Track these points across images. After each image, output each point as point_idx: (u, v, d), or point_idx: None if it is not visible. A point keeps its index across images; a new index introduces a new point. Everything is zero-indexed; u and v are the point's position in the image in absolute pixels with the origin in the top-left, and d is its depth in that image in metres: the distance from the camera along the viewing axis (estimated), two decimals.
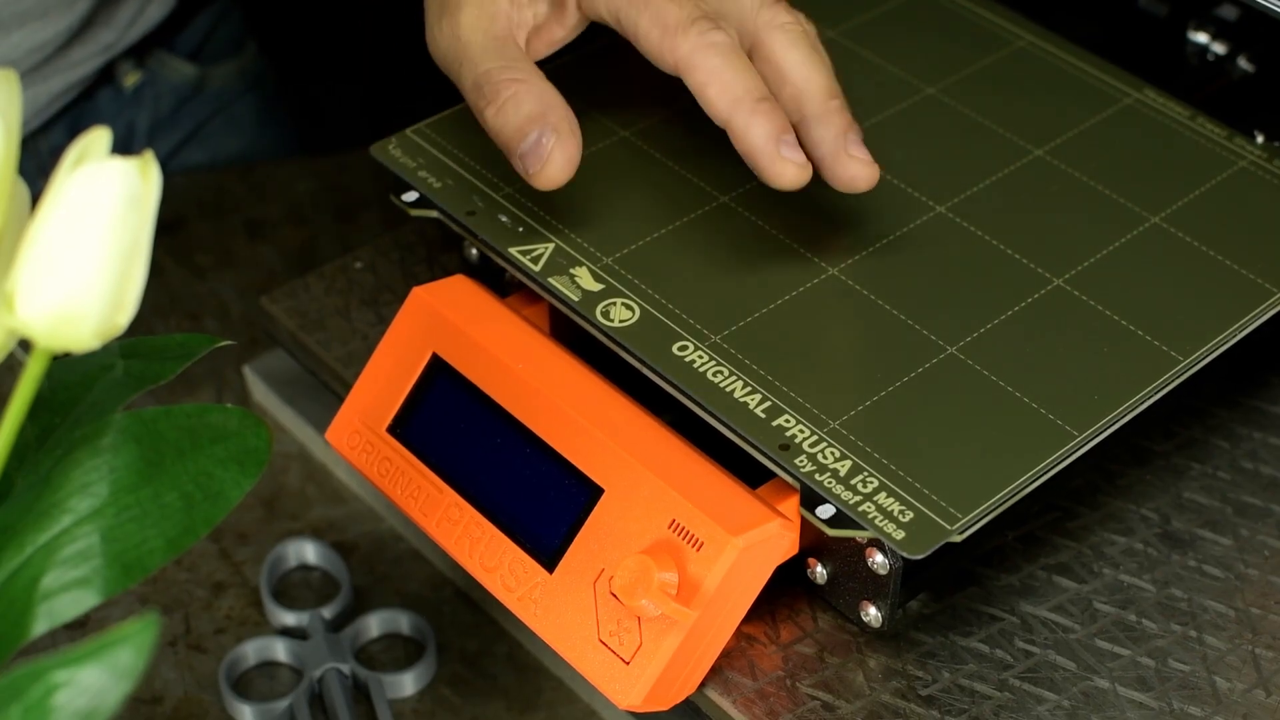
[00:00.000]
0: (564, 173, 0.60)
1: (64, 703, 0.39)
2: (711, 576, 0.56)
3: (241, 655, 0.67)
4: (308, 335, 0.71)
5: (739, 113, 0.58)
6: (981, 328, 0.61)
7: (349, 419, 0.65)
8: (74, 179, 0.41)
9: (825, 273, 0.63)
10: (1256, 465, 0.67)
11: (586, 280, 0.63)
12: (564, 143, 0.60)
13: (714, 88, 0.59)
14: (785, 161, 0.59)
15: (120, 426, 0.46)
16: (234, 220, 0.85)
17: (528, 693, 0.66)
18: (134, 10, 0.90)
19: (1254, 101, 0.73)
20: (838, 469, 0.56)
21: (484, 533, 0.61)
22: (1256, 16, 0.72)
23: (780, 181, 0.59)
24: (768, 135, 0.58)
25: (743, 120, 0.58)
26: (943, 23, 0.74)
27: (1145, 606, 0.62)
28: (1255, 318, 0.62)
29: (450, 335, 0.63)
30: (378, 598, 0.69)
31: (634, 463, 0.58)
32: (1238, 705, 0.59)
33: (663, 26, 0.59)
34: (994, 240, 0.65)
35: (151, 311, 0.80)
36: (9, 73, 0.43)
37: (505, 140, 0.61)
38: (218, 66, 0.99)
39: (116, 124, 0.94)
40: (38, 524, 0.45)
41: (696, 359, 0.60)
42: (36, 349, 0.42)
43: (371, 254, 0.74)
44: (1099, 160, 0.68)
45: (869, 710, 0.58)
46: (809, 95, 0.60)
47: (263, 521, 0.72)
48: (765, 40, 0.60)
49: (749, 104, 0.58)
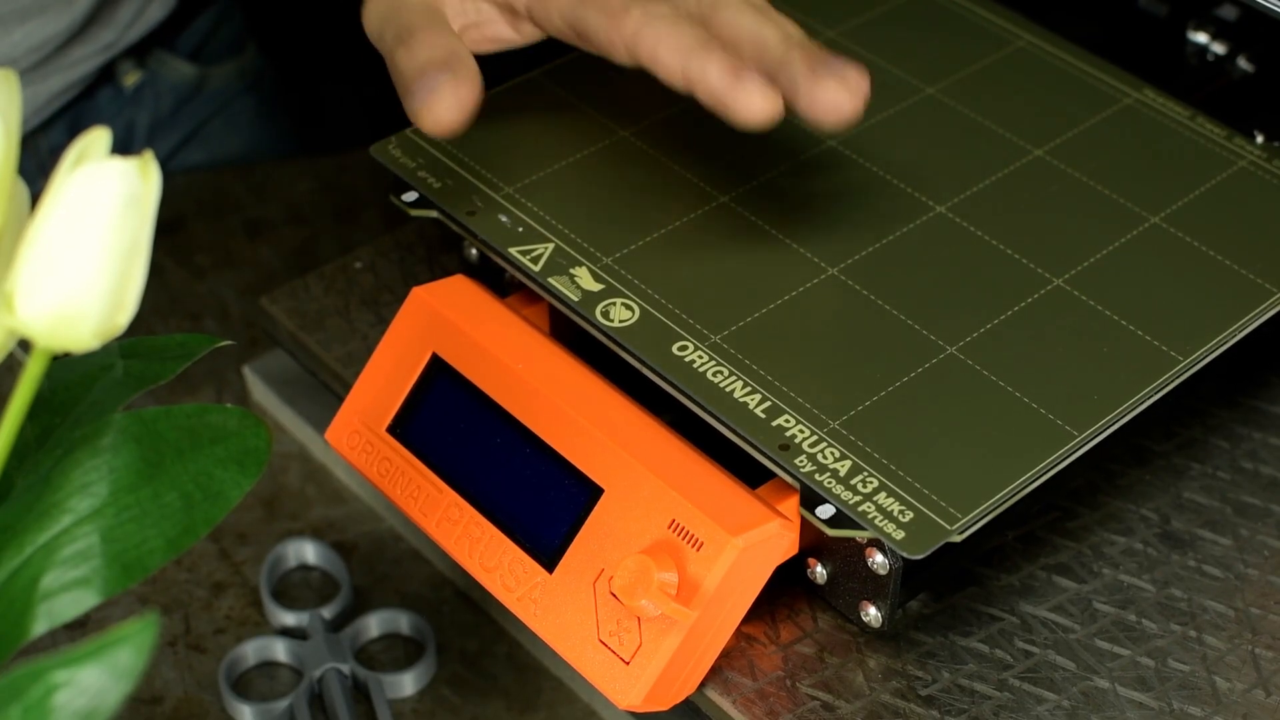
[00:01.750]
0: (450, 114, 0.58)
1: (64, 703, 0.39)
2: (711, 576, 0.56)
3: (241, 655, 0.67)
4: (308, 335, 0.71)
5: (692, 61, 0.55)
6: (981, 328, 0.61)
7: (349, 419, 0.65)
8: (74, 179, 0.41)
9: (825, 273, 0.63)
10: (1256, 465, 0.67)
11: (586, 280, 0.63)
12: (459, 83, 0.58)
13: (663, 47, 0.56)
14: (749, 92, 0.54)
15: (120, 426, 0.46)
16: (234, 220, 0.85)
17: (528, 693, 0.66)
18: (134, 10, 0.90)
19: (1254, 101, 0.73)
20: (838, 469, 0.56)
21: (484, 533, 0.61)
22: (1256, 16, 0.72)
23: (749, 113, 0.54)
24: (724, 70, 0.55)
25: (698, 65, 0.55)
26: (943, 23, 0.74)
27: (1145, 606, 0.62)
28: (1255, 318, 0.62)
29: (450, 335, 0.63)
30: (378, 598, 0.70)
31: (634, 463, 0.58)
32: (1238, 705, 0.59)
33: (608, 13, 0.57)
34: (994, 240, 0.65)
35: (151, 311, 0.80)
36: (9, 71, 0.43)
37: (404, 81, 0.59)
38: (218, 66, 0.99)
39: (116, 124, 0.94)
40: (38, 524, 0.45)
41: (696, 359, 0.60)
42: (36, 349, 0.42)
43: (371, 254, 0.74)
44: (1099, 160, 0.68)
45: (869, 710, 0.58)
46: (766, 46, 0.56)
47: (263, 521, 0.72)
48: (713, 17, 0.58)
49: (701, 51, 0.55)
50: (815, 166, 0.68)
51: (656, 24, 0.56)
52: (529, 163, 0.67)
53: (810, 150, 0.68)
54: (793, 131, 0.69)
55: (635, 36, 0.57)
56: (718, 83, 0.55)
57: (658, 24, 0.56)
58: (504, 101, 0.70)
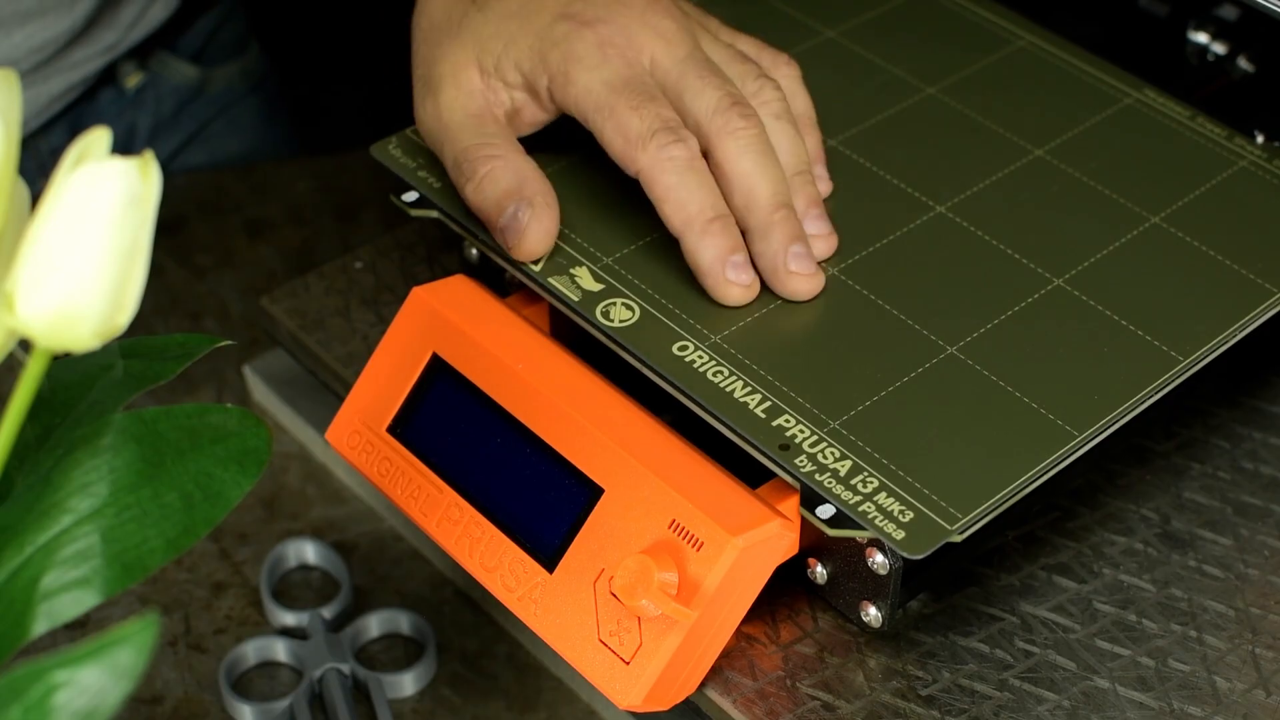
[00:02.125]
0: (541, 244, 0.63)
1: (64, 703, 0.39)
2: (711, 576, 0.56)
3: (241, 655, 0.67)
4: (308, 335, 0.71)
5: (689, 233, 0.61)
6: (981, 328, 0.61)
7: (349, 419, 0.65)
8: (74, 179, 0.41)
9: (825, 272, 0.63)
10: (1256, 465, 0.67)
11: (586, 280, 0.63)
12: (539, 215, 0.62)
13: (669, 205, 0.61)
14: (730, 284, 0.61)
15: (120, 426, 0.46)
16: (234, 220, 0.85)
17: (528, 693, 0.66)
18: (136, 11, 0.90)
19: (1254, 101, 0.73)
20: (838, 469, 0.56)
21: (484, 533, 0.61)
22: (1256, 16, 0.72)
23: (726, 301, 0.62)
24: (715, 257, 0.61)
25: (693, 240, 0.61)
26: (943, 23, 0.74)
27: (1145, 606, 0.62)
28: (1255, 318, 0.62)
29: (450, 335, 0.63)
30: (378, 598, 0.70)
31: (634, 463, 0.58)
32: (1238, 705, 0.59)
33: (624, 137, 0.61)
34: (994, 240, 0.65)
35: (151, 311, 0.80)
36: (10, 73, 0.43)
37: (485, 216, 0.63)
38: (220, 68, 0.99)
39: (118, 125, 0.94)
40: (38, 524, 0.45)
41: (696, 359, 0.60)
42: (36, 349, 0.42)
43: (371, 254, 0.74)
44: (1099, 160, 0.68)
45: (869, 710, 0.58)
46: (753, 207, 0.62)
47: (263, 521, 0.72)
48: (717, 147, 0.62)
49: (700, 224, 0.61)
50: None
51: (667, 174, 0.61)
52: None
53: None
54: None
55: (646, 176, 0.61)
56: (706, 266, 0.61)
57: (668, 174, 0.61)
58: None
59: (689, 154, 0.61)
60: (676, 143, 0.61)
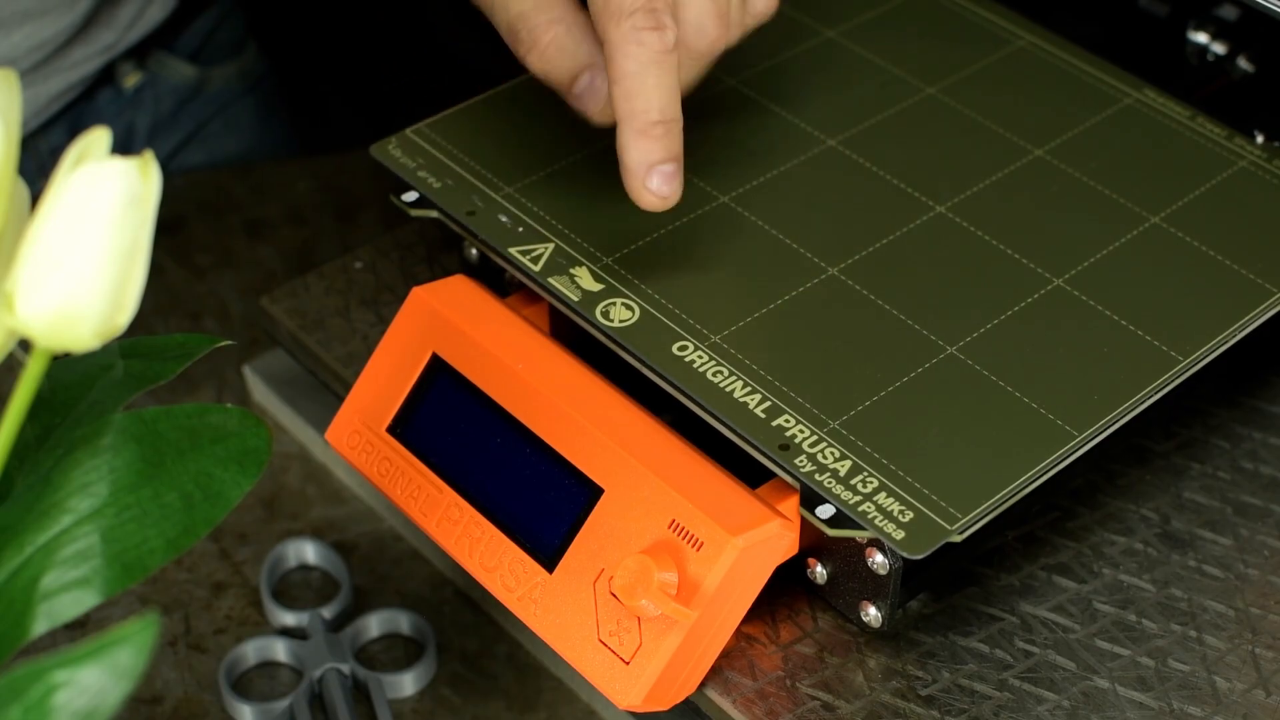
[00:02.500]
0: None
1: (64, 703, 0.39)
2: (711, 576, 0.56)
3: (241, 655, 0.67)
4: (308, 335, 0.71)
5: (627, 128, 0.59)
6: (981, 328, 0.61)
7: (349, 419, 0.65)
8: (74, 179, 0.41)
9: (825, 273, 0.63)
10: (1256, 465, 0.67)
11: (586, 280, 0.63)
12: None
13: (618, 90, 0.59)
14: (647, 192, 0.59)
15: (120, 426, 0.46)
16: (234, 220, 0.85)
17: (528, 693, 0.66)
18: (135, 11, 0.90)
19: (1254, 101, 0.73)
20: (838, 469, 0.56)
21: (484, 533, 0.61)
22: (1256, 16, 0.72)
23: (640, 205, 0.60)
24: (641, 161, 0.59)
25: (628, 137, 0.59)
26: (943, 23, 0.74)
27: (1145, 606, 0.62)
28: (1255, 318, 0.62)
29: (450, 335, 0.63)
30: (378, 598, 0.70)
31: (634, 463, 0.58)
32: (1238, 705, 0.59)
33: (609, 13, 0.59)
34: (994, 240, 0.65)
35: (151, 311, 0.80)
36: (9, 72, 0.43)
37: (556, 84, 0.62)
38: (218, 68, 0.99)
39: (117, 125, 0.94)
40: (38, 524, 0.45)
41: (696, 359, 0.60)
42: (36, 349, 0.42)
43: (371, 254, 0.74)
44: (1099, 160, 0.68)
45: (869, 710, 0.58)
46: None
47: (263, 521, 0.72)
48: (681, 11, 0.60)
49: (641, 123, 0.59)
50: (815, 166, 0.68)
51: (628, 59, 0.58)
52: (529, 163, 0.67)
53: (810, 150, 0.68)
54: (792, 131, 0.69)
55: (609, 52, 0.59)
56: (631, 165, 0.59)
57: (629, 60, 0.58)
58: (504, 101, 0.70)
59: (661, 46, 0.58)
60: (652, 30, 0.58)
